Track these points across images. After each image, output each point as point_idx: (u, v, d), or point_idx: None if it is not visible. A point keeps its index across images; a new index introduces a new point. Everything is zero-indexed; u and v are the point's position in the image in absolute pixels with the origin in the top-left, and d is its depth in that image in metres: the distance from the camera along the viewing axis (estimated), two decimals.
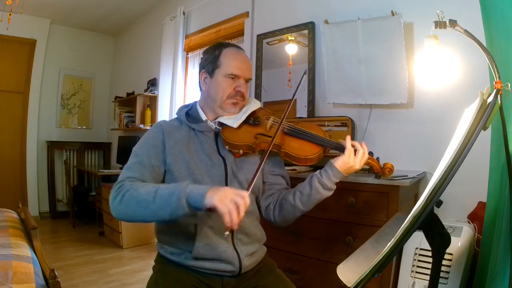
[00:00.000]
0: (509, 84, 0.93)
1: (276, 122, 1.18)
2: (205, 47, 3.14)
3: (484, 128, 0.68)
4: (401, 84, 1.82)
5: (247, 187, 0.99)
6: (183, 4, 3.45)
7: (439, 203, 1.51)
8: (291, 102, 1.18)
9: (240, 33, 2.92)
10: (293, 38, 2.43)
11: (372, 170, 1.17)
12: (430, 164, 1.76)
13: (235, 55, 1.16)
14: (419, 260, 1.43)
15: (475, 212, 1.54)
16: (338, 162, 1.09)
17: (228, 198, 0.88)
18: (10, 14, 2.97)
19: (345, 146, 1.10)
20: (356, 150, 1.10)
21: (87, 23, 4.57)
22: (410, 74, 1.82)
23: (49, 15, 4.27)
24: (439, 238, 0.78)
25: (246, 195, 0.90)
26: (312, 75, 2.29)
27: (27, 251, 1.58)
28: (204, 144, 1.14)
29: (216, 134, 1.17)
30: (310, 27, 2.30)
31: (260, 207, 1.22)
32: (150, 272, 1.16)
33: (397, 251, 0.69)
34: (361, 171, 1.52)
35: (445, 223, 0.96)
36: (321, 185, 1.10)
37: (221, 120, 1.16)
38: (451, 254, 1.37)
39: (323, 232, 1.60)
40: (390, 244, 0.67)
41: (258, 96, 2.60)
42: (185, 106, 1.24)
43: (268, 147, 1.06)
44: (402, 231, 0.67)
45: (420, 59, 1.57)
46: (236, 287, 1.10)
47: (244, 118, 1.16)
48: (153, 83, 3.89)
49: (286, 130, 1.17)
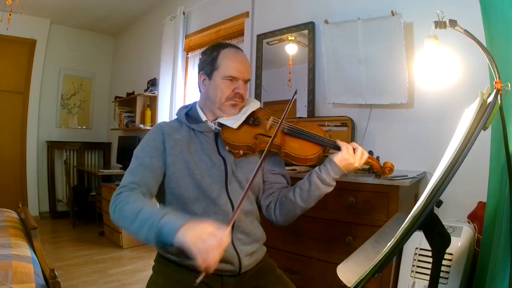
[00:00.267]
0: (509, 84, 0.93)
1: (276, 122, 1.17)
2: (205, 47, 3.14)
3: (484, 128, 0.68)
4: (401, 84, 1.83)
5: (237, 207, 0.95)
6: (183, 4, 3.45)
7: (439, 203, 1.50)
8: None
9: (240, 33, 2.92)
10: (293, 38, 2.42)
11: (372, 169, 1.17)
12: (430, 164, 1.76)
13: (233, 56, 1.15)
14: (419, 260, 1.43)
15: (475, 212, 1.54)
16: (337, 157, 1.10)
17: (203, 237, 0.78)
18: (10, 14, 2.97)
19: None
20: (355, 149, 1.10)
21: (87, 23, 4.57)
22: (410, 74, 1.82)
23: (49, 15, 4.27)
24: (439, 238, 0.78)
25: (226, 234, 0.81)
26: (312, 75, 2.29)
27: (27, 251, 1.58)
28: (204, 144, 1.14)
29: (216, 135, 1.17)
30: (310, 27, 2.30)
31: (260, 206, 1.22)
32: (150, 272, 1.16)
33: (397, 251, 0.69)
34: (361, 170, 1.53)
35: (445, 223, 0.96)
36: (320, 180, 1.10)
37: (220, 120, 1.15)
38: (451, 254, 1.37)
39: (323, 232, 1.60)
40: (390, 244, 0.67)
41: (258, 96, 2.60)
42: (184, 107, 1.24)
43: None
44: (402, 231, 0.67)
45: (420, 59, 1.57)
46: (236, 287, 1.10)
47: (243, 118, 1.16)
48: (153, 83, 3.89)
49: (286, 130, 1.17)
